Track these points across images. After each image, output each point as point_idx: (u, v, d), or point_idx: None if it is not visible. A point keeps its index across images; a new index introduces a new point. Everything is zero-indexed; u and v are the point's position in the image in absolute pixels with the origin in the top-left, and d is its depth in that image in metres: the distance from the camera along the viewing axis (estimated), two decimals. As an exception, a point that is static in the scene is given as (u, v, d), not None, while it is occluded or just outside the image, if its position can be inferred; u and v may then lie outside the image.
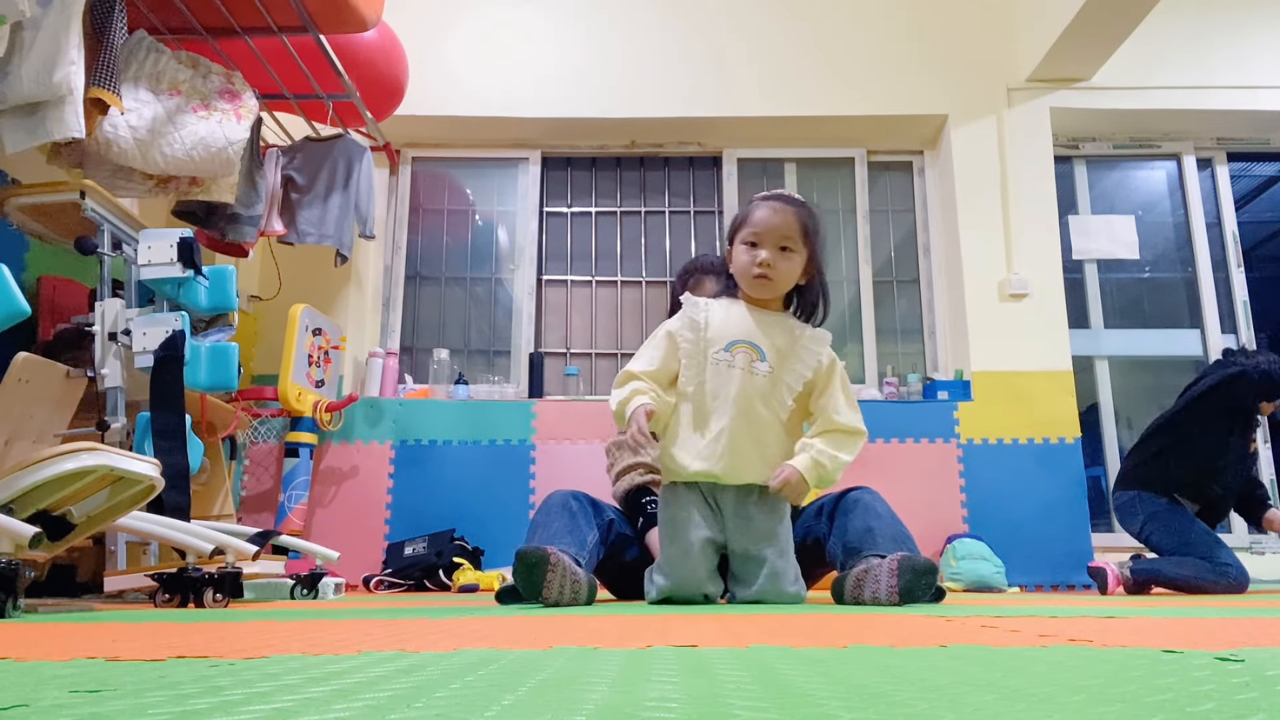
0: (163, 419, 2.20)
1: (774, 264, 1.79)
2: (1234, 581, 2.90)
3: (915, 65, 4.24)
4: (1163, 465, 3.13)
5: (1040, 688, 0.51)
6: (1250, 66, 4.18)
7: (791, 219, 1.81)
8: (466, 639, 0.86)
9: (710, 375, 1.78)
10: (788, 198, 1.87)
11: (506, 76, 4.24)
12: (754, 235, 1.81)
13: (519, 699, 0.46)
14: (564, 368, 4.18)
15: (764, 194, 1.90)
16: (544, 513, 1.91)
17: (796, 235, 1.81)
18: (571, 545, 1.78)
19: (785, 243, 1.80)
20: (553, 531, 1.82)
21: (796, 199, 1.88)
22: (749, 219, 1.84)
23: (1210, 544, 2.99)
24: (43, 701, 0.46)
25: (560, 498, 1.95)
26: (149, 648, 0.77)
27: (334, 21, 3.04)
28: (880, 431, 3.83)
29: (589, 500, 1.99)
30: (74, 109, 2.19)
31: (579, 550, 1.78)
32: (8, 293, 1.79)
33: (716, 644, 0.79)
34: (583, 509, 1.93)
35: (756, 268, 1.80)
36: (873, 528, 1.80)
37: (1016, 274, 3.97)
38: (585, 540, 1.85)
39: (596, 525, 1.92)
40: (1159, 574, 2.97)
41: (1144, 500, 3.12)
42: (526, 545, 1.63)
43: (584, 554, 1.79)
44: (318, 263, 3.81)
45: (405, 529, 3.67)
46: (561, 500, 1.93)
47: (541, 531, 1.84)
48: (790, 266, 1.81)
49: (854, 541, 1.79)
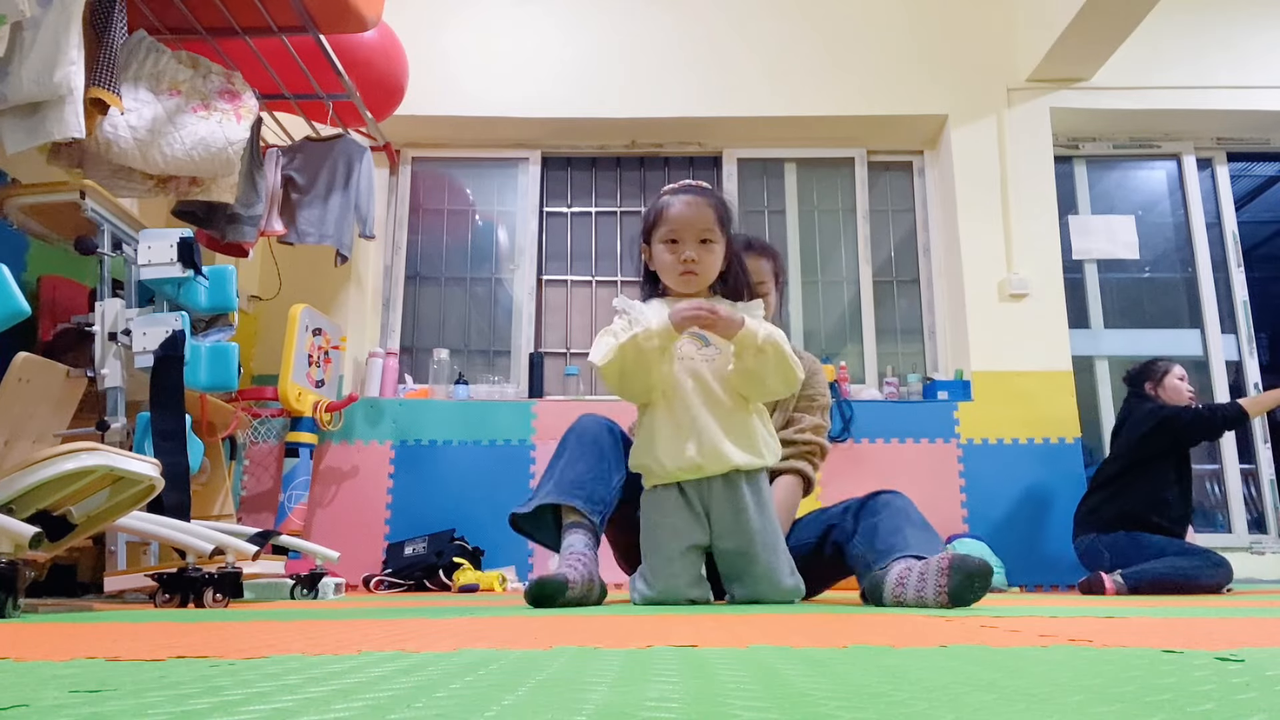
0: (163, 419, 2.20)
1: (699, 258, 1.80)
2: (1219, 565, 3.02)
3: (915, 65, 4.24)
4: (1115, 506, 3.28)
5: (1040, 688, 0.51)
6: (1250, 66, 4.18)
7: (707, 211, 1.81)
8: (466, 639, 0.86)
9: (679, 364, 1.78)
10: (697, 188, 1.86)
11: (506, 76, 4.24)
12: (673, 233, 1.81)
13: (519, 699, 0.46)
14: (564, 368, 4.18)
15: (671, 187, 1.88)
16: (575, 443, 1.83)
17: (714, 225, 1.81)
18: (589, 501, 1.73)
19: (705, 235, 1.81)
20: (577, 472, 1.77)
21: (705, 187, 1.87)
22: (664, 216, 1.83)
23: (1181, 547, 3.14)
24: (43, 701, 0.46)
25: (595, 428, 1.86)
26: (149, 648, 0.77)
27: (334, 21, 3.04)
28: (880, 431, 3.83)
29: (624, 437, 1.89)
30: (74, 109, 2.19)
31: (598, 502, 1.74)
32: (8, 293, 1.79)
33: (716, 644, 0.79)
34: (615, 447, 1.84)
35: (682, 264, 1.80)
36: (904, 530, 1.71)
37: (1016, 274, 3.97)
38: (609, 483, 1.79)
39: (626, 467, 1.84)
40: (1148, 574, 3.01)
41: (1104, 539, 3.25)
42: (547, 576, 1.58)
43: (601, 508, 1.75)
44: (318, 263, 3.81)
45: (405, 529, 3.67)
46: (595, 431, 1.85)
47: (566, 466, 1.78)
48: (713, 258, 1.82)
49: (884, 543, 1.70)
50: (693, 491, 1.74)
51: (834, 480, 3.72)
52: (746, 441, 1.74)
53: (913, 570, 1.55)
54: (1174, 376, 3.45)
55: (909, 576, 1.55)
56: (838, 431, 3.79)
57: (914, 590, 1.53)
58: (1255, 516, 4.07)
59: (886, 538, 1.70)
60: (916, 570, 1.54)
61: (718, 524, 1.73)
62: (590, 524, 1.73)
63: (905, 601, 1.55)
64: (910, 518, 1.74)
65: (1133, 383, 3.56)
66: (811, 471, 2.08)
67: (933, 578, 1.50)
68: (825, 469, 2.17)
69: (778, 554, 1.73)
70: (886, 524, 1.73)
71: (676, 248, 1.81)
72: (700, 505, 1.74)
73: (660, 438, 1.76)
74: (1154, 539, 3.15)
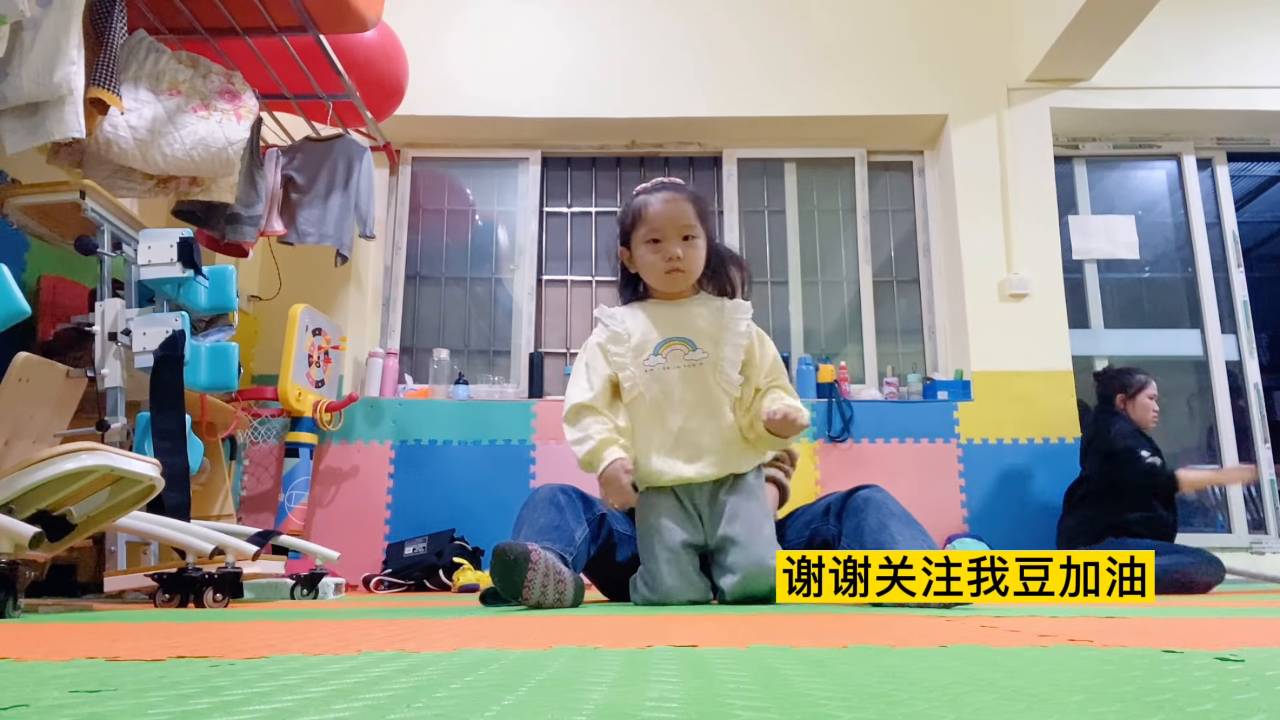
0: (163, 419, 2.20)
1: (684, 255, 1.79)
2: (1210, 560, 3.05)
3: (915, 65, 4.24)
4: (1098, 524, 3.26)
5: (1040, 688, 0.51)
6: (1250, 66, 4.18)
7: (687, 206, 1.80)
8: (466, 639, 0.86)
9: (650, 382, 1.78)
10: (673, 185, 1.85)
11: (506, 76, 4.24)
12: (654, 232, 1.80)
13: (519, 699, 0.46)
14: (564, 368, 4.18)
15: (645, 186, 1.86)
16: (529, 507, 1.77)
17: (694, 220, 1.80)
18: (557, 542, 1.64)
19: (686, 231, 1.80)
20: (538, 528, 1.69)
21: (678, 183, 1.86)
22: (643, 216, 1.81)
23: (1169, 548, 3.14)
24: (43, 701, 0.46)
25: (547, 492, 1.80)
26: (149, 648, 0.77)
27: (334, 21, 3.04)
28: (880, 431, 3.83)
29: (579, 494, 1.84)
30: (74, 109, 2.19)
31: (565, 547, 1.65)
32: (8, 293, 1.79)
33: (716, 644, 0.79)
34: (571, 503, 1.78)
35: (668, 264, 1.79)
36: (889, 526, 1.68)
37: (1016, 274, 3.97)
38: (573, 537, 1.71)
39: (587, 520, 1.78)
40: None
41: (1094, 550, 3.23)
42: (506, 542, 1.51)
43: (571, 550, 1.66)
44: (318, 263, 3.81)
45: (405, 529, 3.67)
46: (548, 494, 1.79)
47: (526, 528, 1.71)
48: (697, 253, 1.82)
49: (873, 542, 1.67)
50: (684, 494, 1.76)
51: (834, 481, 3.72)
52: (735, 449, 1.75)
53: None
54: (1146, 395, 3.41)
55: None
56: (838, 431, 3.79)
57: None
58: (1255, 517, 4.07)
59: (874, 536, 1.68)
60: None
61: (709, 520, 1.75)
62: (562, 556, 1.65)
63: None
64: (893, 512, 1.72)
65: (1103, 389, 3.54)
66: (785, 479, 2.09)
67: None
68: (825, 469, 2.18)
69: (763, 537, 1.71)
70: (871, 522, 1.71)
71: (660, 246, 1.80)
72: (692, 507, 1.76)
73: (650, 447, 1.77)
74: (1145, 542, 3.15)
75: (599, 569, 1.90)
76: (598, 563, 1.85)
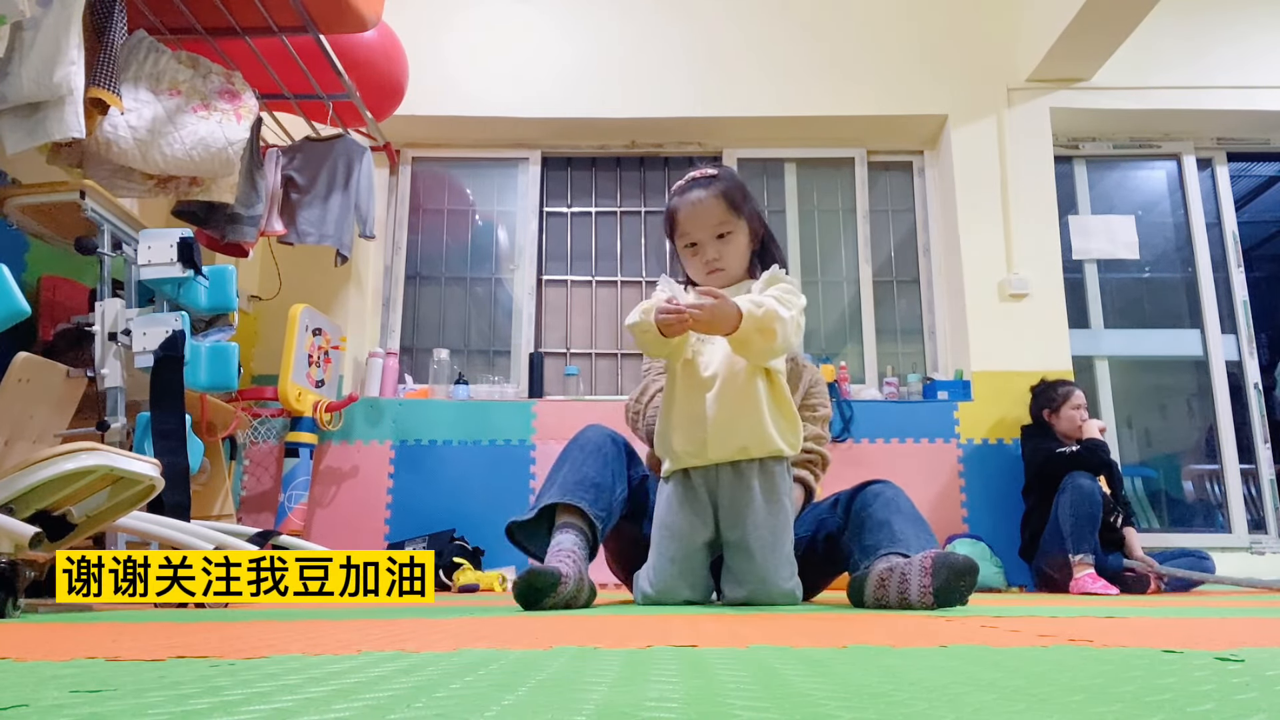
0: (163, 419, 2.20)
1: (720, 255, 1.76)
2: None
3: (915, 65, 4.24)
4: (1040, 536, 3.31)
5: (1040, 688, 0.51)
6: (1250, 66, 4.18)
7: (716, 204, 1.75)
8: (466, 639, 0.86)
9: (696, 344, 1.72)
10: (701, 180, 1.79)
11: (506, 76, 4.24)
12: (688, 237, 1.78)
13: (519, 699, 0.46)
14: (564, 368, 4.18)
15: (679, 184, 1.81)
16: (579, 447, 1.75)
17: (728, 215, 1.75)
18: (595, 503, 1.65)
19: (721, 229, 1.75)
20: (580, 476, 1.68)
21: (709, 176, 1.79)
22: (676, 222, 1.78)
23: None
24: (43, 701, 0.46)
25: (599, 437, 1.77)
26: (149, 648, 0.77)
27: (334, 21, 3.04)
28: (880, 431, 3.83)
29: (628, 448, 1.81)
30: (74, 109, 2.19)
31: (601, 510, 1.65)
32: (8, 293, 1.79)
33: (716, 644, 0.79)
34: (619, 456, 1.76)
35: (706, 267, 1.77)
36: (892, 523, 1.61)
37: (1016, 274, 3.97)
38: (612, 496, 1.69)
39: (629, 479, 1.76)
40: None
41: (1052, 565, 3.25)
42: (539, 566, 1.48)
43: (605, 512, 1.67)
44: (318, 263, 3.81)
45: (405, 529, 3.67)
46: (599, 440, 1.76)
47: (569, 470, 1.70)
48: (735, 247, 1.77)
49: (871, 538, 1.62)
50: (700, 481, 1.67)
51: (834, 481, 3.70)
52: (758, 427, 1.64)
53: (894, 570, 1.48)
54: (1070, 406, 3.40)
55: (890, 578, 1.48)
56: (838, 431, 3.79)
57: (895, 592, 1.46)
58: (1255, 517, 4.07)
59: (873, 533, 1.63)
60: (898, 570, 1.47)
61: (724, 514, 1.66)
62: (586, 527, 1.66)
63: (887, 603, 1.48)
64: (900, 507, 1.67)
65: (1033, 407, 3.58)
66: (814, 481, 2.07)
67: (915, 578, 1.43)
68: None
69: (778, 555, 1.62)
70: (875, 517, 1.65)
71: (696, 249, 1.79)
72: (707, 495, 1.67)
73: (674, 420, 1.70)
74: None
75: (618, 534, 1.84)
76: (619, 527, 1.80)
